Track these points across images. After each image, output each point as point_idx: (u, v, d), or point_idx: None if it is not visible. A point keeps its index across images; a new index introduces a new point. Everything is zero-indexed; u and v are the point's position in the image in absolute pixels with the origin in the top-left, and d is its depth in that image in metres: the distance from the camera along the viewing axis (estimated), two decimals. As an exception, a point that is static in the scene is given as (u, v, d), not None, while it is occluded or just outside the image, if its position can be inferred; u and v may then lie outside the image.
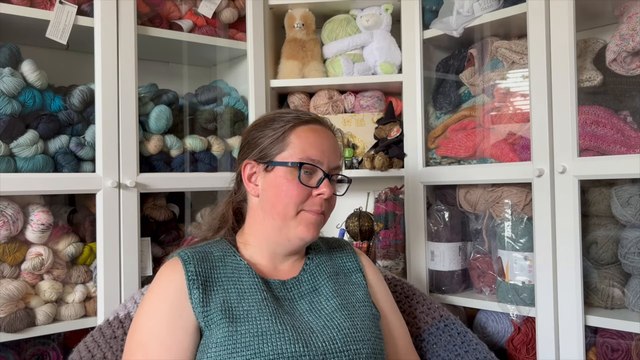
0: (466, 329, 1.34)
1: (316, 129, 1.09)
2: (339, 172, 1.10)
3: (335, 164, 1.08)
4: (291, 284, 1.06)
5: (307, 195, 1.04)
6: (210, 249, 1.07)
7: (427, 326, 1.34)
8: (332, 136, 1.11)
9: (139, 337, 0.96)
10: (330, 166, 1.07)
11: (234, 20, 1.81)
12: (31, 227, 1.37)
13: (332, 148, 1.08)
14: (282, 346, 0.93)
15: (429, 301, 1.40)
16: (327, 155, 1.06)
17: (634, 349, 1.32)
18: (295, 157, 1.04)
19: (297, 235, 1.04)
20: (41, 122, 1.39)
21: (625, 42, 1.31)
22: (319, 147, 1.06)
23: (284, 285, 1.05)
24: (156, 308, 0.97)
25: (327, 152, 1.06)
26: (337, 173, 1.10)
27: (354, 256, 1.19)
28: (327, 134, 1.10)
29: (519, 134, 1.53)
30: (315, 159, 1.04)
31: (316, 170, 1.05)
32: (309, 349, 0.94)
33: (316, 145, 1.06)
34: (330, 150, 1.08)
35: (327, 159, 1.06)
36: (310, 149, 1.05)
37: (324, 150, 1.06)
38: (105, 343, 1.18)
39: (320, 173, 1.05)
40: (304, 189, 1.03)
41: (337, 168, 1.10)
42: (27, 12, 1.39)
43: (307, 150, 1.04)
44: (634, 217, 1.33)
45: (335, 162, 1.09)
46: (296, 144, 1.05)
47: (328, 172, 1.06)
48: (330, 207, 1.09)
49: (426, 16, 1.73)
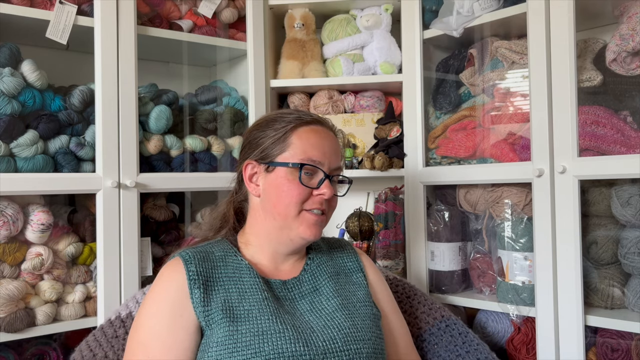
0: (467, 330, 1.34)
1: (317, 129, 1.09)
2: (339, 172, 1.11)
3: (336, 164, 1.09)
4: (292, 284, 1.07)
5: (308, 195, 1.04)
6: (211, 249, 1.07)
7: (428, 326, 1.34)
8: (333, 137, 1.11)
9: (140, 336, 0.97)
10: (331, 167, 1.07)
11: (234, 20, 1.81)
12: (31, 227, 1.37)
13: (333, 149, 1.09)
14: (283, 345, 0.93)
15: (430, 301, 1.40)
16: (328, 156, 1.07)
17: (634, 349, 1.32)
18: (297, 158, 1.04)
19: (299, 235, 1.05)
20: (41, 122, 1.39)
21: (625, 42, 1.31)
22: (320, 148, 1.06)
23: (285, 285, 1.06)
24: (157, 307, 0.98)
25: (328, 153, 1.07)
26: (338, 174, 1.10)
27: (354, 256, 1.19)
28: (329, 135, 1.10)
29: (519, 134, 1.53)
30: (316, 160, 1.05)
31: (317, 171, 1.05)
32: (309, 348, 0.94)
33: (317, 146, 1.06)
34: (331, 151, 1.08)
35: (328, 160, 1.06)
36: (311, 150, 1.05)
37: (325, 151, 1.06)
38: (107, 342, 1.18)
39: (321, 174, 1.05)
40: (304, 190, 1.03)
41: (338, 169, 1.10)
42: (27, 12, 1.39)
43: (308, 151, 1.05)
44: (634, 217, 1.33)
45: (336, 163, 1.09)
46: (297, 144, 1.05)
47: (329, 172, 1.06)
48: (332, 207, 1.09)
49: (426, 16, 1.73)
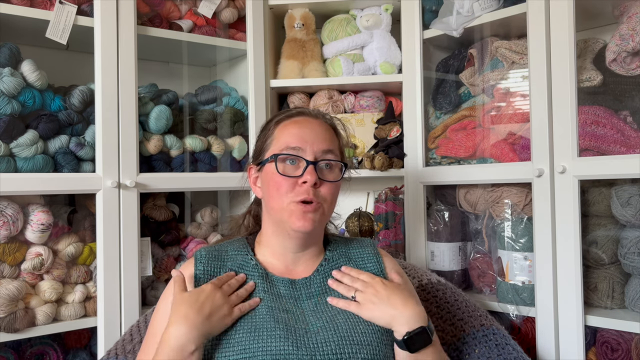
0: (508, 341, 1.21)
1: (298, 120, 1.08)
2: (330, 157, 1.04)
3: (321, 147, 1.03)
4: (301, 284, 1.05)
5: (293, 185, 1.02)
6: (226, 248, 1.11)
7: (463, 334, 1.22)
8: (318, 123, 1.08)
9: (152, 327, 1.03)
10: (316, 151, 1.03)
11: (234, 20, 1.81)
12: (31, 227, 1.37)
13: (315, 133, 1.05)
14: (272, 344, 0.93)
15: (472, 308, 1.30)
16: (310, 141, 1.03)
17: (633, 349, 1.32)
18: (277, 150, 1.04)
19: (292, 227, 1.02)
20: (41, 122, 1.39)
21: (625, 42, 1.31)
22: (299, 136, 1.04)
23: (293, 285, 1.05)
24: (167, 302, 1.02)
25: (309, 139, 1.03)
26: (328, 159, 1.04)
27: (376, 257, 1.13)
28: (310, 122, 1.07)
29: (519, 134, 1.53)
30: (295, 147, 1.02)
31: (300, 159, 1.02)
32: (297, 348, 0.93)
33: (296, 134, 1.04)
34: (313, 136, 1.04)
35: (310, 145, 1.03)
36: (290, 139, 1.04)
37: (306, 137, 1.03)
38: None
39: (303, 161, 1.02)
40: (287, 180, 1.01)
41: (327, 152, 1.04)
42: (27, 12, 1.39)
43: (288, 141, 1.04)
44: (634, 217, 1.33)
45: (322, 146, 1.04)
46: (279, 138, 1.06)
47: (315, 158, 1.02)
48: (325, 195, 1.03)
49: (426, 16, 1.73)
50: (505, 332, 1.25)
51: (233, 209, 1.88)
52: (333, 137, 1.09)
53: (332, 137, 1.08)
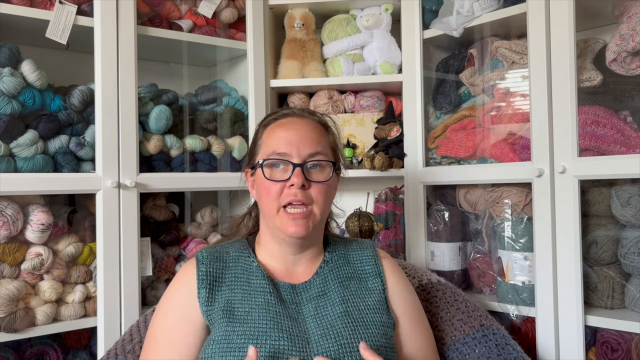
0: (508, 341, 1.20)
1: (284, 122, 1.07)
2: (318, 157, 1.02)
3: (308, 150, 1.02)
4: (301, 288, 1.05)
5: (282, 189, 1.01)
6: (228, 249, 1.09)
7: (462, 335, 1.21)
8: (303, 123, 1.06)
9: (152, 329, 1.02)
10: (302, 153, 1.01)
11: (234, 20, 1.81)
12: (31, 227, 1.37)
13: (301, 136, 1.03)
14: (276, 353, 0.93)
15: (472, 308, 1.29)
16: (296, 144, 1.01)
17: (634, 349, 1.32)
18: (264, 155, 1.04)
19: (283, 232, 1.01)
20: (41, 122, 1.39)
21: (625, 42, 1.31)
22: (285, 139, 1.03)
23: (294, 289, 1.04)
24: (168, 304, 1.02)
25: (295, 142, 1.02)
26: (316, 160, 1.02)
27: (374, 259, 1.12)
28: (296, 123, 1.06)
29: (519, 134, 1.53)
30: (280, 152, 1.02)
31: (286, 163, 1.01)
32: (301, 358, 0.93)
33: (281, 137, 1.03)
34: (299, 138, 1.02)
35: (296, 148, 1.01)
36: (276, 144, 1.03)
37: (292, 140, 1.02)
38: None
39: (290, 165, 1.01)
40: (275, 185, 1.01)
41: (314, 154, 1.02)
42: (27, 12, 1.39)
43: (274, 146, 1.03)
44: (634, 217, 1.33)
45: (309, 149, 1.02)
46: (266, 142, 1.06)
47: (302, 160, 1.01)
48: (316, 196, 1.01)
49: (426, 16, 1.73)
50: (505, 332, 1.25)
51: (233, 209, 1.88)
52: (321, 136, 1.07)
53: (321, 136, 1.06)
